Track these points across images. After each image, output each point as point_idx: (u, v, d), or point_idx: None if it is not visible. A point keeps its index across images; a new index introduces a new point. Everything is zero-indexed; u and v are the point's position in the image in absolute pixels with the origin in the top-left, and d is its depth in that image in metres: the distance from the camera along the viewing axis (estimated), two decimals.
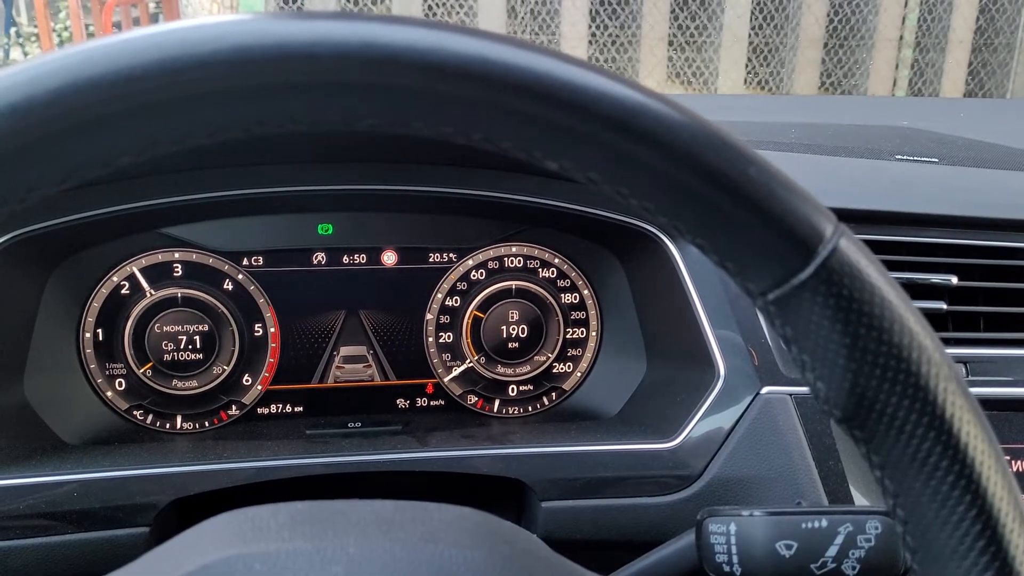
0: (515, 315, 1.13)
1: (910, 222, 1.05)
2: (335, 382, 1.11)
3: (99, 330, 1.04)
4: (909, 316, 0.39)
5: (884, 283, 0.39)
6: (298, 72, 0.34)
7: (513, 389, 1.15)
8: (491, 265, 1.13)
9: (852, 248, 0.38)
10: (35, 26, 7.81)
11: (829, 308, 0.38)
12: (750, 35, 6.64)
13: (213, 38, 0.33)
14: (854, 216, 1.02)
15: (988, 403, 0.98)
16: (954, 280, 1.01)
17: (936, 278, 1.01)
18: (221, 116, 0.35)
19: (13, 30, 8.63)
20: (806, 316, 0.38)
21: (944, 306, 1.01)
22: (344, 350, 1.11)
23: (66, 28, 7.86)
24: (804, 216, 0.38)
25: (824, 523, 0.63)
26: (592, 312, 1.16)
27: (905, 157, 1.28)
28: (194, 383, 1.07)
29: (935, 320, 1.01)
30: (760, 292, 0.39)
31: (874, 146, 1.46)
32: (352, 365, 1.11)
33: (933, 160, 1.28)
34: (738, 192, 0.37)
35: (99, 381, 1.04)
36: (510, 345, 1.14)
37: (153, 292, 1.04)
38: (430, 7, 6.21)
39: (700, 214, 0.38)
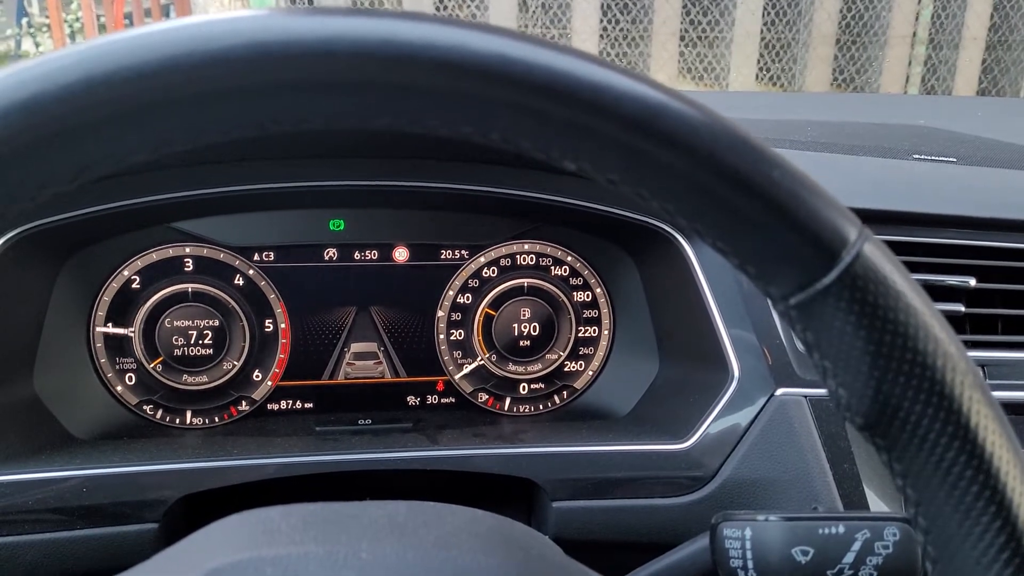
0: (527, 313, 1.13)
1: (928, 223, 1.04)
2: (345, 379, 1.11)
3: (109, 324, 1.04)
4: (934, 323, 0.38)
5: (909, 289, 0.38)
6: (314, 70, 0.33)
7: (524, 387, 1.15)
8: (503, 262, 1.12)
9: (876, 253, 0.37)
10: (47, 17, 7.85)
11: (853, 314, 0.37)
12: (762, 31, 6.61)
13: (227, 34, 0.33)
14: (872, 216, 1.01)
15: (1006, 407, 0.97)
16: (972, 282, 1.00)
17: (954, 280, 1.00)
18: (235, 114, 0.34)
19: (25, 21, 8.67)
20: (829, 322, 0.38)
21: (962, 308, 1.00)
22: (355, 347, 1.10)
23: (77, 19, 7.89)
24: (828, 220, 0.37)
25: (841, 529, 0.63)
26: (604, 311, 1.15)
27: (923, 157, 1.27)
28: (204, 378, 1.06)
29: (953, 322, 0.99)
30: (782, 297, 0.39)
31: (891, 145, 1.45)
32: (362, 362, 1.11)
33: (951, 160, 1.27)
34: (762, 195, 0.36)
35: (109, 376, 1.04)
36: (521, 343, 1.13)
37: (163, 287, 1.04)
38: (441, 0, 6.20)
39: (722, 217, 0.37)
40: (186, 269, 1.05)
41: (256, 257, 1.07)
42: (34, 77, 0.32)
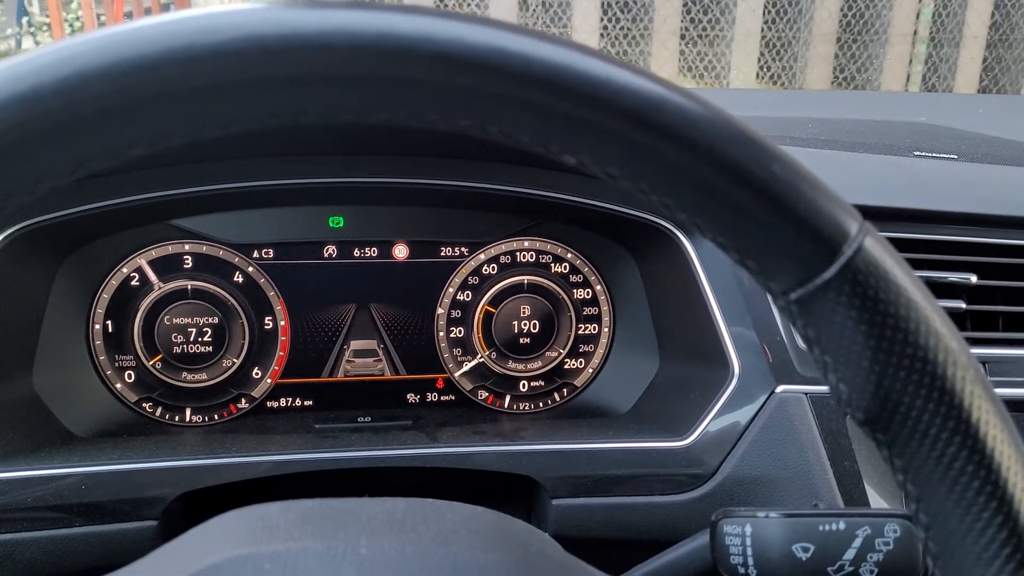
0: (527, 310, 1.12)
1: (929, 219, 1.03)
2: (345, 376, 1.11)
3: (108, 322, 1.04)
4: (935, 317, 0.38)
5: (910, 283, 0.38)
6: (312, 64, 0.33)
7: (524, 385, 1.15)
8: (503, 260, 1.12)
9: (877, 247, 0.37)
10: (47, 16, 7.84)
11: (854, 308, 0.37)
12: (763, 29, 6.60)
13: (225, 28, 0.33)
14: (873, 213, 1.00)
15: (1007, 404, 0.96)
16: (973, 279, 1.00)
17: (955, 276, 1.00)
18: (234, 108, 0.34)
19: (25, 20, 8.66)
20: (829, 316, 0.37)
21: (963, 305, 1.00)
22: (354, 344, 1.10)
23: (78, 18, 7.89)
24: (829, 215, 0.37)
25: (842, 525, 0.62)
26: (604, 308, 1.15)
27: (924, 154, 1.27)
28: (203, 376, 1.06)
29: (954, 319, 0.99)
30: (782, 291, 0.38)
31: (893, 142, 1.44)
32: (362, 359, 1.11)
33: (952, 157, 1.27)
34: (762, 189, 0.36)
35: (108, 373, 1.04)
36: (521, 340, 1.13)
37: (163, 284, 1.04)
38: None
39: (722, 211, 0.37)
40: (185, 266, 1.05)
41: (256, 254, 1.06)
42: (32, 70, 0.32)
